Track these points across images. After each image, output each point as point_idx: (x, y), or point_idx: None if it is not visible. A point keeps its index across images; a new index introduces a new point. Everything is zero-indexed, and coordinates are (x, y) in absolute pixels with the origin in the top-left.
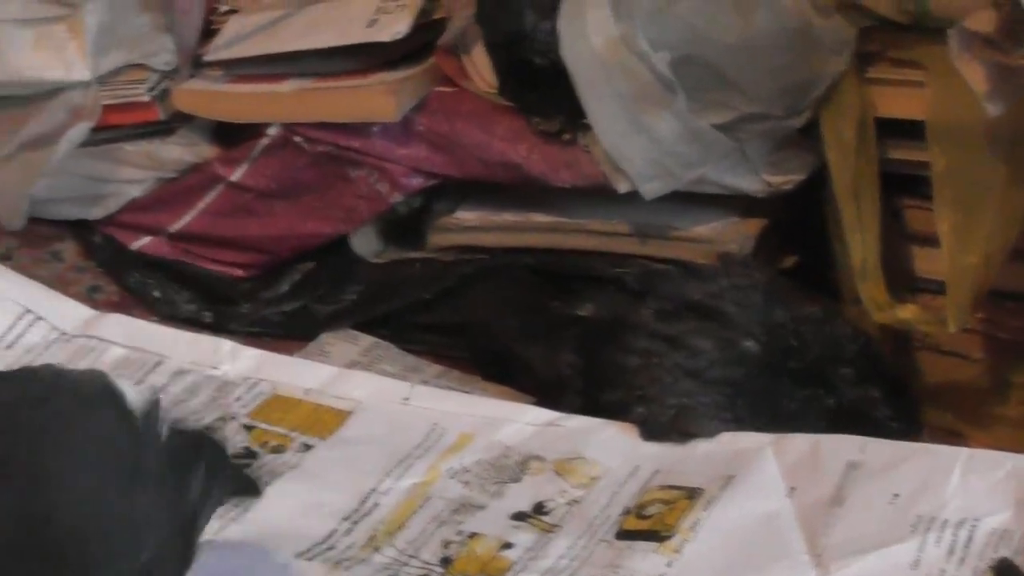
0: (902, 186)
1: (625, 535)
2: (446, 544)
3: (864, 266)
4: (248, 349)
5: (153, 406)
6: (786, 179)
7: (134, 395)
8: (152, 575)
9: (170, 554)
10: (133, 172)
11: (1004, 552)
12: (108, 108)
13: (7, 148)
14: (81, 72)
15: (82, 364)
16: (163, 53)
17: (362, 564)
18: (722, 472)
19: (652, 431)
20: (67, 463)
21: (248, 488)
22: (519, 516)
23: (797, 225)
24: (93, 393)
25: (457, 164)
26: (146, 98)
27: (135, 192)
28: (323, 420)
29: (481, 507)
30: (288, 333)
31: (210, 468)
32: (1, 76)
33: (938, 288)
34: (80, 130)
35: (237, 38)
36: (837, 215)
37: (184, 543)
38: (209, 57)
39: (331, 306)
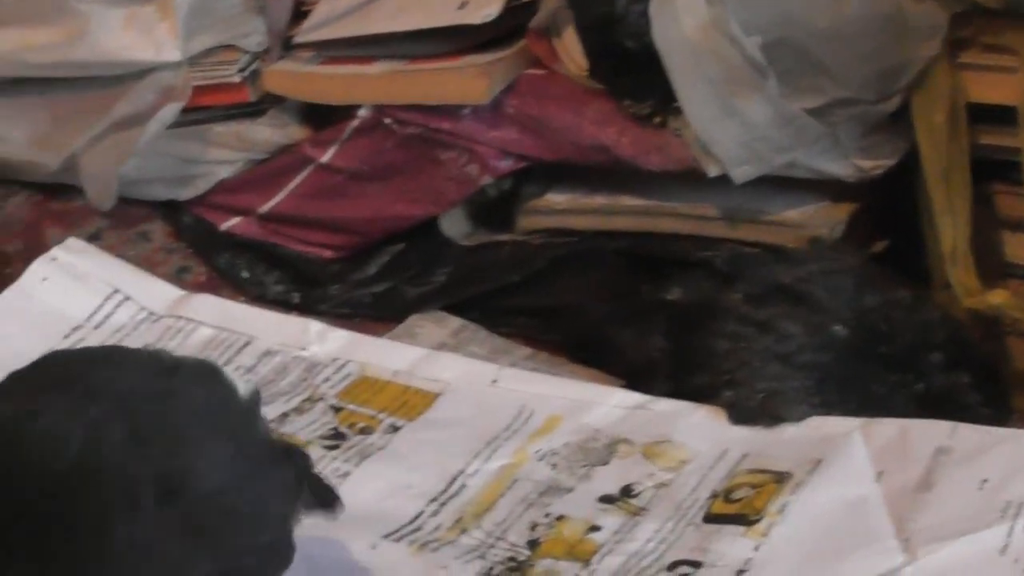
0: (993, 172)
1: (713, 518)
2: (533, 526)
3: (954, 251)
4: (336, 330)
5: (255, 399)
6: (877, 164)
7: (241, 386)
8: (272, 557)
9: (282, 541)
10: (223, 153)
11: None
12: (198, 89)
13: (97, 129)
14: (171, 53)
15: (170, 344)
16: (254, 34)
17: (449, 546)
18: (810, 456)
19: (741, 415)
20: (201, 431)
21: (327, 503)
22: (607, 499)
23: (887, 210)
24: (211, 376)
25: (547, 146)
26: (236, 79)
27: (224, 173)
28: (411, 401)
29: (569, 490)
30: (377, 315)
31: (298, 474)
32: (91, 57)
33: None
34: (170, 111)
35: (328, 20)
36: (927, 200)
37: (287, 535)
38: (300, 39)
39: (420, 288)
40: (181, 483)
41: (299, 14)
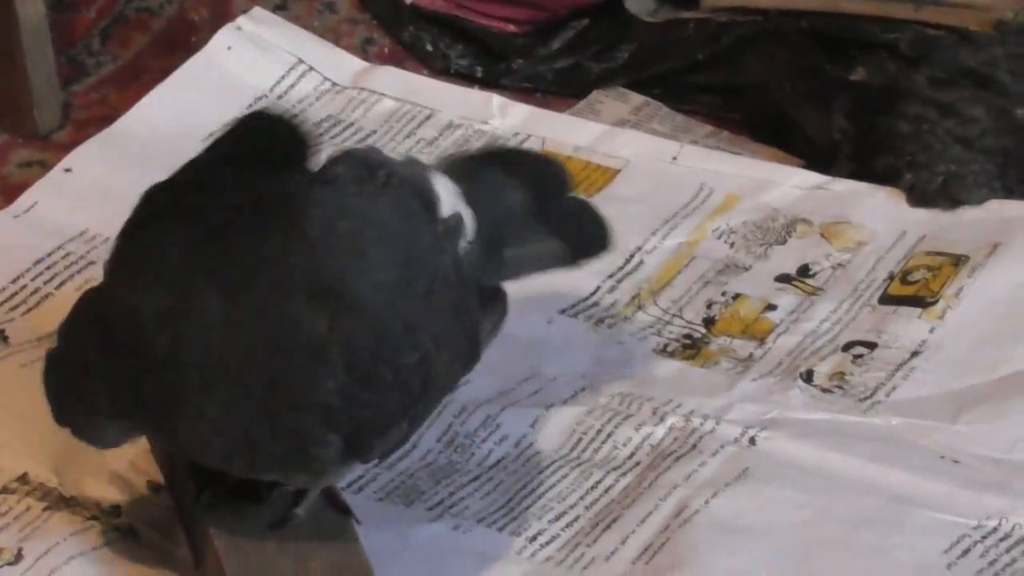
0: None
1: (889, 300)
2: (709, 304)
3: None
4: (518, 104)
5: (457, 223)
6: None
7: (447, 199)
8: (430, 371)
9: (453, 358)
10: None
11: None
12: None
13: None
14: None
15: (353, 115)
16: None
17: (625, 322)
18: (989, 239)
19: (920, 197)
20: (365, 258)
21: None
22: (783, 278)
23: None
24: (411, 207)
25: None
26: None
27: None
28: (591, 177)
29: (746, 268)
30: (559, 90)
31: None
32: None
33: None
34: None
35: None
36: None
37: (470, 348)
38: None
39: (603, 64)
40: (333, 288)
41: None
